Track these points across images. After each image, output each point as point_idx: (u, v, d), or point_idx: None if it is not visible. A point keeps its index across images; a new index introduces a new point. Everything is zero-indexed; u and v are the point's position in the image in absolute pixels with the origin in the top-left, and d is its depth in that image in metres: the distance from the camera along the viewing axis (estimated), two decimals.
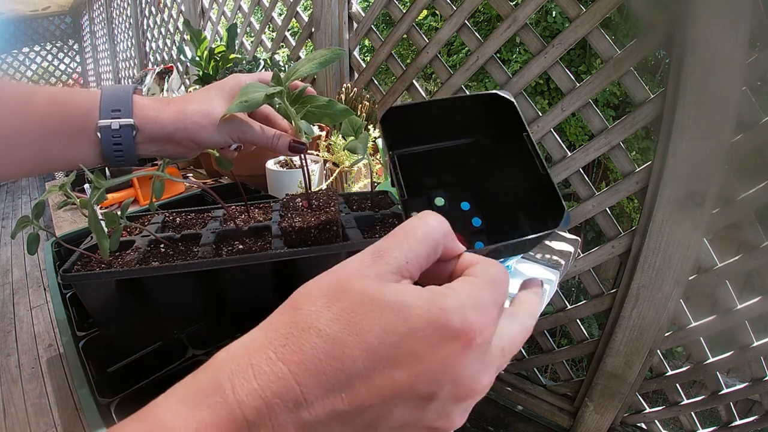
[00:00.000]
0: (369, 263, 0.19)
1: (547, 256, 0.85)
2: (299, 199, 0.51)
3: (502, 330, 0.20)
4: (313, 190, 0.54)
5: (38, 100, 0.38)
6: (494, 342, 0.19)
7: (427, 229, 0.20)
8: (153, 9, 2.55)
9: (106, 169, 1.02)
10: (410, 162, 0.37)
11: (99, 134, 0.40)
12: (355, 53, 1.31)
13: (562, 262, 0.83)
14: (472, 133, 0.38)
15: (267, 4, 1.55)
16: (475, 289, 0.19)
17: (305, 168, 0.49)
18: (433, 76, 3.10)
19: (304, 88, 0.44)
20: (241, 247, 0.50)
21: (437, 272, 0.22)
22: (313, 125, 1.04)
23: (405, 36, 1.17)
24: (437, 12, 1.97)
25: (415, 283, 0.19)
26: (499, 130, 0.37)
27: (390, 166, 0.34)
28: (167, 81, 1.93)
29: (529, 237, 0.29)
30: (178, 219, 0.59)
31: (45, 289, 2.55)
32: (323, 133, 1.01)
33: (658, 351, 1.00)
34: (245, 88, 0.42)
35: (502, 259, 0.66)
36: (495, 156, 0.38)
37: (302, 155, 0.48)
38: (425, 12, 2.87)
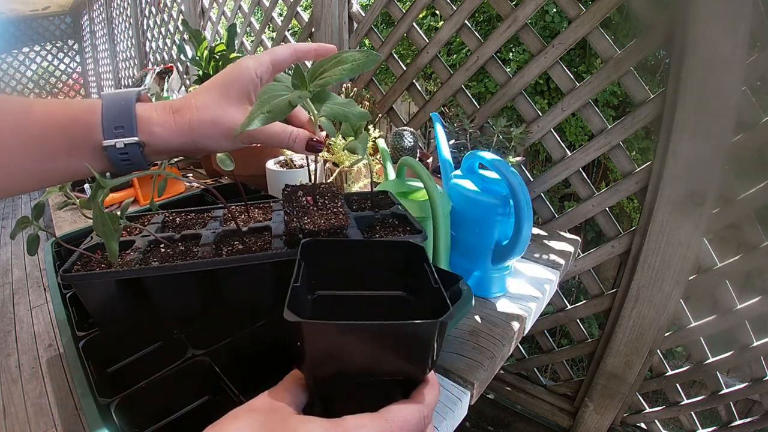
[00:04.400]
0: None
1: (546, 256, 0.85)
2: (301, 192, 0.50)
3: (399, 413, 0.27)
4: None
5: (36, 117, 0.37)
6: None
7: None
8: (153, 9, 2.55)
9: None
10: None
11: (106, 152, 0.38)
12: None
13: (562, 262, 0.83)
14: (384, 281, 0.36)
15: (267, 4, 1.55)
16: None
17: (310, 167, 0.49)
18: (433, 75, 3.10)
19: (327, 85, 0.39)
20: (241, 247, 0.50)
21: None
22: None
23: (405, 36, 1.17)
24: (437, 12, 1.97)
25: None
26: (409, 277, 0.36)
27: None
28: (167, 81, 1.93)
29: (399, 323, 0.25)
30: (178, 219, 0.59)
31: (45, 289, 2.55)
32: (323, 133, 1.01)
33: (658, 351, 1.00)
34: (264, 94, 0.37)
35: (501, 264, 0.67)
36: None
37: (307, 156, 0.46)
38: (425, 12, 2.87)
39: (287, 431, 0.25)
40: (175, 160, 1.32)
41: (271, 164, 0.93)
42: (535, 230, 0.97)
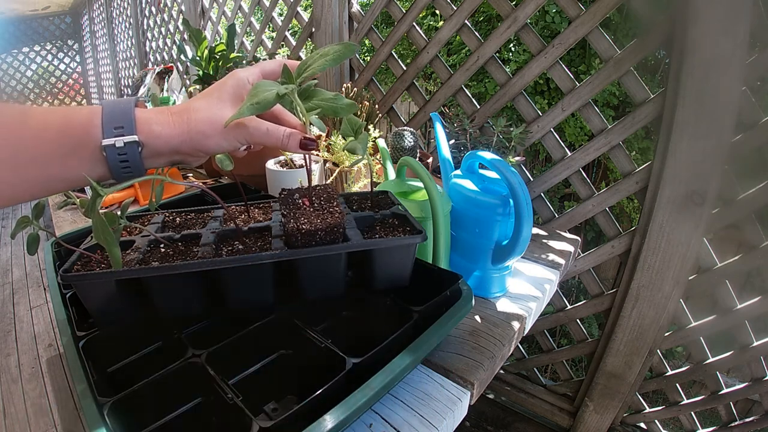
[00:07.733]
0: None
1: (546, 256, 0.85)
2: (297, 195, 0.50)
3: None
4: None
5: (33, 123, 0.37)
6: None
7: None
8: (153, 9, 2.55)
9: None
10: None
11: (105, 153, 0.38)
12: (355, 53, 1.31)
13: (562, 262, 0.83)
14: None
15: (267, 4, 1.55)
16: None
17: (308, 167, 0.49)
18: (433, 75, 3.10)
19: (314, 83, 0.43)
20: (241, 247, 0.50)
21: None
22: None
23: (405, 36, 1.17)
24: (437, 12, 1.97)
25: None
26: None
27: None
28: (167, 81, 1.93)
29: None
30: (178, 219, 0.59)
31: (45, 289, 2.55)
32: (323, 133, 1.01)
33: (658, 351, 1.00)
34: (255, 89, 0.40)
35: (501, 264, 0.67)
36: None
37: (306, 155, 0.47)
38: (425, 12, 2.87)
39: None
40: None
41: (271, 164, 0.93)
42: (535, 230, 0.97)
